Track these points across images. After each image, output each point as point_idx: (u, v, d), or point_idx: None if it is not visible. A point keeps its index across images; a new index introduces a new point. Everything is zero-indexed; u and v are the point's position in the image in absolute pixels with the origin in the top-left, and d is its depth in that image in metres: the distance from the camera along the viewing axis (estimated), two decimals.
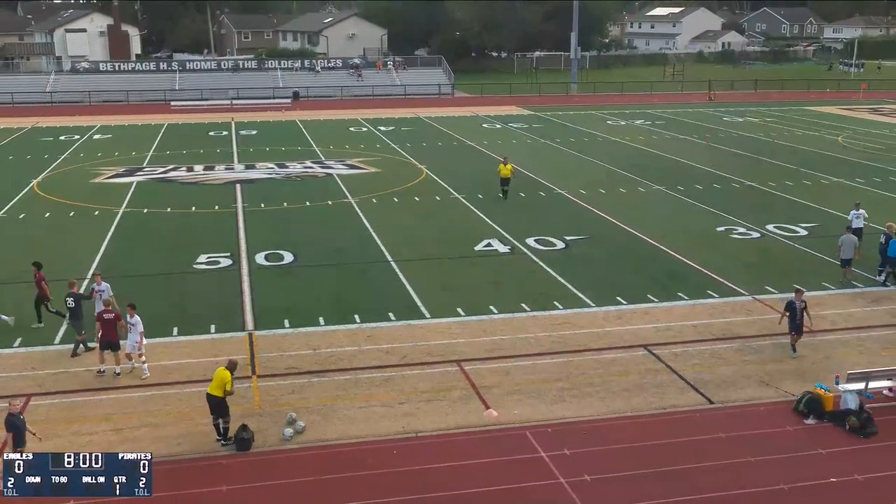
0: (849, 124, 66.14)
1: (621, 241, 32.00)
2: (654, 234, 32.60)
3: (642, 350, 21.92)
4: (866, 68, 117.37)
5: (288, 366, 20.79)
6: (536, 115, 72.89)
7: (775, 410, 18.70)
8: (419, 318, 24.04)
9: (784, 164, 47.76)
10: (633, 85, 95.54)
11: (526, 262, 29.35)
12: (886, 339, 22.51)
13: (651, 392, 19.55)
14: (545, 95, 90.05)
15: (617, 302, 25.34)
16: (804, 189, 40.85)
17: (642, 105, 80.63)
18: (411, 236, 32.59)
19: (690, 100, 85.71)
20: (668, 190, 40.95)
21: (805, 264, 29.20)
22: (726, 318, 24.18)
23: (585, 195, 39.71)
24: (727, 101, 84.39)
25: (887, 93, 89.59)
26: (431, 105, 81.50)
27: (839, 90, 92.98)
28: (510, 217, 35.43)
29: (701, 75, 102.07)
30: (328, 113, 74.40)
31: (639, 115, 72.88)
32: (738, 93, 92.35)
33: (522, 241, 31.74)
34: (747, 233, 33.08)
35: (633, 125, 66.21)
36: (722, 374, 20.50)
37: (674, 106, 79.74)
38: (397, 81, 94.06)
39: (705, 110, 76.33)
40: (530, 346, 22.07)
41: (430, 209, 37.26)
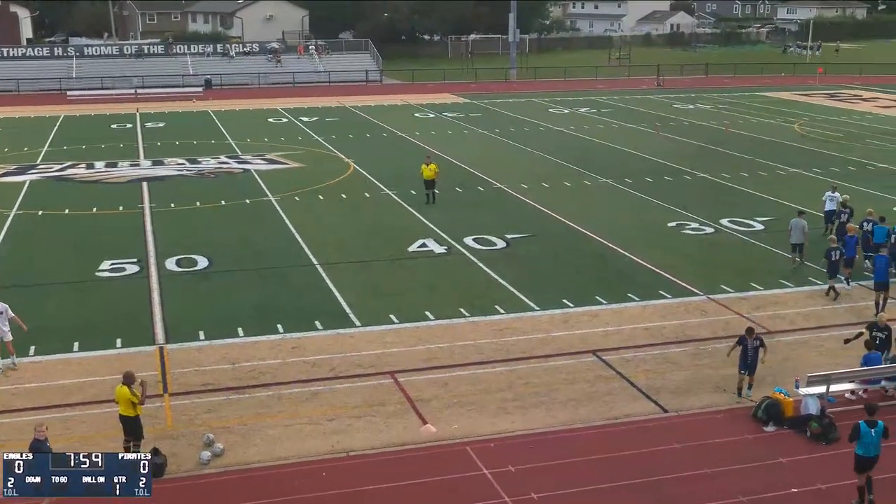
0: (805, 111, 67.75)
1: (567, 239, 32.30)
2: (602, 231, 32.98)
3: (591, 356, 22.15)
4: (823, 51, 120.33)
5: (204, 382, 20.55)
6: (473, 104, 73.19)
7: (733, 417, 19.06)
8: (348, 326, 23.96)
9: (738, 154, 48.72)
10: (577, 70, 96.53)
11: (464, 264, 29.43)
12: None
13: (601, 401, 19.77)
14: (482, 82, 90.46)
15: (563, 304, 25.57)
16: (760, 180, 41.72)
17: (587, 91, 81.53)
18: (339, 237, 32.46)
19: (638, 86, 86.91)
20: (616, 183, 41.47)
21: (762, 261, 29.81)
22: (680, 319, 24.57)
23: (527, 190, 39.99)
24: (677, 86, 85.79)
25: (845, 77, 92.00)
26: (358, 93, 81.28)
27: (795, 74, 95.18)
28: (446, 215, 35.51)
29: (649, 59, 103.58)
30: (244, 102, 73.71)
31: (583, 102, 73.65)
32: (689, 78, 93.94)
33: (460, 240, 31.84)
34: (701, 228, 33.67)
35: (578, 113, 66.89)
36: (676, 380, 20.82)
37: (620, 92, 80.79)
38: (320, 68, 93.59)
39: (654, 97, 77.48)
40: (470, 355, 22.15)
41: (359, 207, 37.15)
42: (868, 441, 15.75)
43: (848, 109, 68.79)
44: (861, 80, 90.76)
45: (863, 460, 15.84)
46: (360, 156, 48.62)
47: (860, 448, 15.80)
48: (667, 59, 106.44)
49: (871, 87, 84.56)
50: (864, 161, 46.34)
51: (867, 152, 49.21)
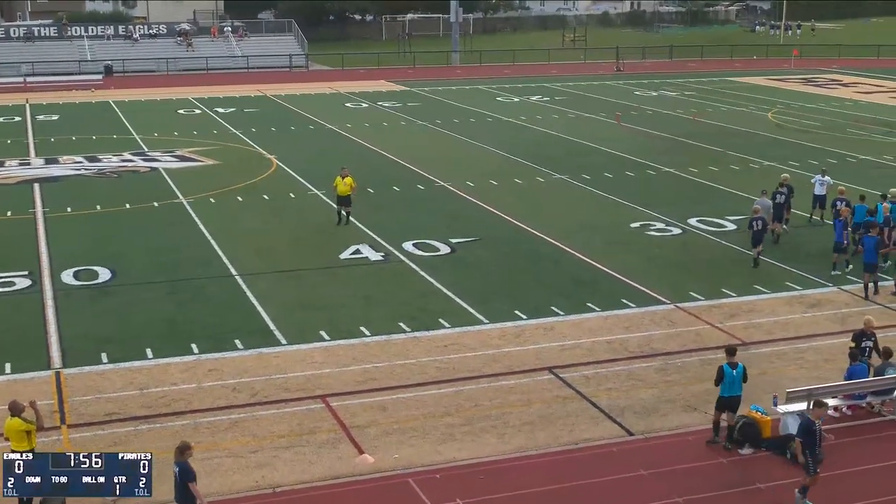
0: (780, 97, 68.91)
1: (518, 243, 32.44)
2: (558, 233, 33.18)
3: (547, 374, 22.25)
4: (803, 31, 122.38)
5: (108, 411, 20.27)
6: (411, 92, 73.26)
7: (705, 440, 19.25)
8: (273, 344, 23.83)
9: (707, 146, 49.37)
10: (527, 54, 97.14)
11: (403, 272, 29.42)
12: (829, 349, 23.48)
13: (559, 424, 19.86)
14: (421, 67, 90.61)
15: (515, 317, 25.66)
16: (731, 175, 42.31)
17: (538, 77, 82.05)
18: (261, 244, 32.27)
19: (595, 71, 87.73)
20: (573, 179, 41.77)
21: (734, 264, 30.21)
22: (645, 331, 24.80)
23: (474, 188, 40.12)
24: (638, 71, 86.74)
25: (822, 60, 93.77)
26: (281, 80, 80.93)
27: (767, 57, 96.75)
28: (383, 217, 35.48)
29: (607, 41, 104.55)
30: (151, 92, 72.99)
31: (535, 89, 74.11)
32: (651, 62, 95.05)
33: (398, 245, 31.83)
34: (667, 229, 34.04)
35: (529, 102, 67.28)
36: (642, 400, 21.00)
37: (576, 78, 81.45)
38: (238, 52, 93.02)
39: (613, 83, 78.23)
40: (411, 375, 22.13)
41: (284, 209, 36.98)
42: (729, 381, 18.55)
43: (826, 96, 70.10)
44: (840, 63, 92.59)
45: (724, 400, 18.67)
46: (283, 151, 48.41)
47: (723, 389, 18.60)
48: (627, 40, 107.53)
49: (851, 70, 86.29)
50: (844, 153, 47.25)
51: (848, 143, 50.18)
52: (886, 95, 70.31)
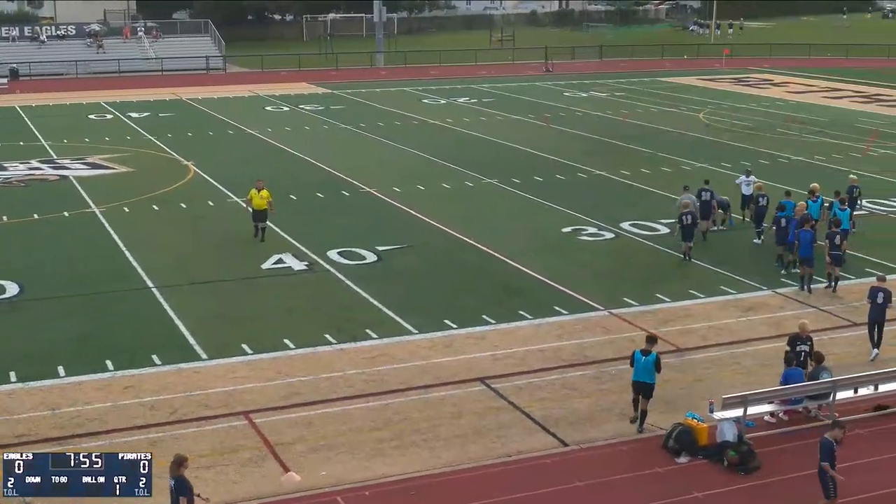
0: (711, 98, 69.92)
1: (447, 250, 32.50)
2: (488, 240, 33.30)
3: (478, 384, 22.30)
4: (733, 29, 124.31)
5: (17, 433, 19.89)
6: (334, 94, 73.07)
7: (641, 449, 19.44)
8: (193, 359, 23.60)
9: (639, 148, 49.92)
10: (454, 54, 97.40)
11: (329, 282, 29.33)
12: (765, 354, 23.87)
13: (491, 436, 19.91)
14: (344, 69, 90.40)
15: (445, 326, 25.70)
16: (663, 177, 42.82)
17: (466, 79, 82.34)
18: (178, 254, 31.95)
19: (524, 71, 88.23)
20: (502, 184, 41.95)
21: (668, 268, 30.59)
22: (578, 338, 24.98)
23: (400, 193, 40.12)
24: (568, 72, 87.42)
25: (753, 59, 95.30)
26: (198, 83, 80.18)
27: (698, 57, 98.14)
28: (307, 225, 35.33)
29: (535, 41, 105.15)
30: (59, 96, 71.88)
31: (462, 91, 74.34)
32: (581, 62, 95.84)
33: (323, 254, 31.71)
34: (599, 233, 34.33)
35: (456, 104, 67.46)
36: (576, 409, 21.13)
37: (504, 79, 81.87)
38: (151, 54, 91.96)
39: (542, 84, 78.77)
40: (338, 389, 22.04)
41: (202, 218, 36.66)
42: (638, 367, 19.75)
43: (757, 96, 71.30)
44: (771, 62, 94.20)
45: (633, 383, 19.98)
46: (201, 157, 47.96)
47: (634, 373, 19.88)
48: (555, 40, 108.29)
49: (782, 70, 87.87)
50: (776, 153, 48.09)
51: (779, 143, 51.09)
52: (818, 95, 71.70)
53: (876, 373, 21.66)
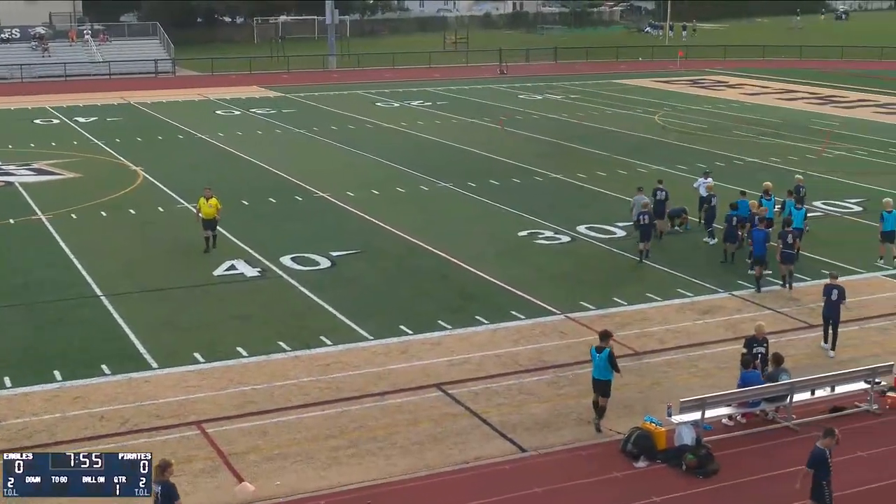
0: (666, 100, 70.45)
1: (402, 255, 32.49)
2: (443, 244, 33.33)
3: (435, 391, 22.31)
4: (687, 31, 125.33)
5: None
6: (286, 98, 72.85)
7: (600, 454, 19.53)
8: (143, 368, 23.42)
9: (594, 151, 50.18)
10: (408, 57, 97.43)
11: (282, 288, 29.23)
12: (722, 357, 24.07)
13: (449, 443, 19.92)
14: (296, 72, 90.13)
15: (401, 332, 25.69)
16: (619, 180, 43.08)
17: (420, 82, 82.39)
18: (127, 261, 31.71)
19: (478, 74, 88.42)
20: (458, 187, 42.02)
21: (625, 272, 30.79)
22: (536, 343, 25.06)
23: (354, 198, 40.06)
24: (523, 74, 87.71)
25: (708, 61, 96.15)
26: (146, 87, 79.64)
27: (653, 59, 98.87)
28: (259, 231, 35.19)
29: (489, 43, 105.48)
30: (3, 101, 71.05)
31: (416, 94, 74.38)
32: (536, 64, 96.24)
33: (276, 260, 31.59)
34: (555, 237, 34.48)
35: (410, 107, 67.48)
36: (534, 414, 21.20)
37: (458, 82, 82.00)
38: (98, 57, 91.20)
39: (497, 86, 78.98)
40: (293, 397, 21.97)
41: (152, 224, 36.41)
42: (595, 364, 20.22)
43: (712, 97, 71.92)
44: (725, 64, 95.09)
45: (592, 381, 20.43)
46: (150, 162, 47.63)
47: (592, 371, 20.35)
48: (510, 42, 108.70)
49: (737, 71, 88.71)
50: (731, 155, 48.54)
51: (735, 145, 51.57)
52: (772, 97, 72.46)
53: (832, 374, 21.91)
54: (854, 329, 26.02)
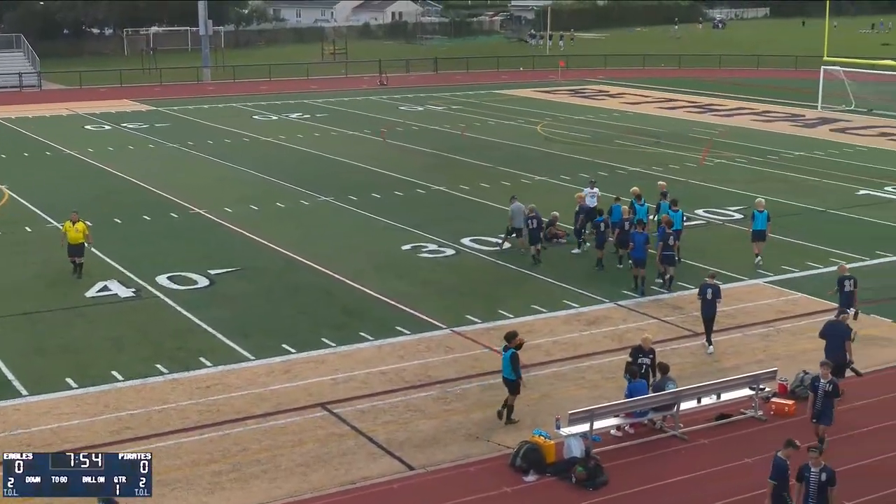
0: (548, 110, 71.36)
1: (283, 272, 32.30)
2: (325, 260, 33.21)
3: (320, 410, 22.21)
4: (564, 41, 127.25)
5: None
6: (159, 112, 71.81)
7: (489, 469, 19.64)
8: (12, 396, 22.88)
9: (477, 162, 50.55)
10: (285, 68, 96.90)
11: (158, 308, 28.83)
12: (609, 367, 24.44)
13: (335, 463, 19.84)
14: (169, 85, 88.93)
15: (283, 351, 25.53)
16: (503, 191, 43.35)
17: (298, 94, 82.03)
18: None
19: (358, 85, 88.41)
20: (339, 201, 41.92)
21: (511, 284, 31.05)
22: (422, 359, 25.12)
23: (232, 214, 39.69)
24: (403, 85, 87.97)
25: (588, 71, 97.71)
26: (10, 102, 77.70)
27: (534, 69, 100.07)
28: (133, 250, 34.61)
29: (369, 54, 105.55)
30: None
31: (294, 106, 74.04)
32: (416, 75, 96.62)
33: (151, 280, 31.13)
34: (440, 250, 34.62)
35: (289, 120, 67.15)
36: (422, 431, 21.23)
37: (338, 94, 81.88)
38: None
39: (377, 98, 79.08)
40: (171, 421, 21.66)
41: (19, 245, 35.60)
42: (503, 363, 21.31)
43: (594, 107, 73.08)
44: (606, 73, 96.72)
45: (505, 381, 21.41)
46: (16, 180, 46.49)
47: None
48: (390, 53, 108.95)
49: (618, 81, 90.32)
50: (614, 164, 49.37)
51: (617, 154, 52.47)
52: (653, 106, 73.94)
53: (718, 382, 22.42)
54: (737, 336, 26.72)
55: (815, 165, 49.66)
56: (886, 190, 44.11)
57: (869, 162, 50.56)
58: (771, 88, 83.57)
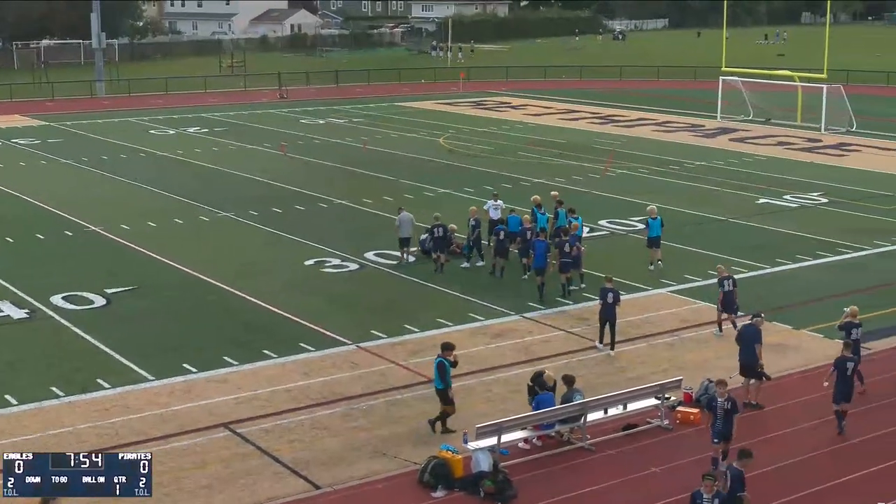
0: (451, 122, 71.66)
1: (184, 290, 31.96)
2: (226, 277, 32.92)
3: (223, 430, 21.99)
4: (463, 53, 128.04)
5: None
6: (51, 127, 70.52)
7: (397, 486, 19.63)
8: None
9: (380, 175, 50.56)
10: (182, 82, 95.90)
11: (53, 329, 28.35)
12: (516, 380, 24.53)
13: (239, 484, 19.66)
14: (62, 99, 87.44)
15: (184, 370, 25.24)
16: (407, 204, 43.26)
17: (196, 108, 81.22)
18: None
19: (257, 98, 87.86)
20: (239, 217, 41.60)
21: (416, 298, 31.09)
22: (327, 375, 25.02)
23: (130, 231, 39.13)
24: (303, 98, 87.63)
25: (490, 83, 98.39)
26: None
27: (436, 81, 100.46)
28: (26, 269, 33.97)
29: (268, 67, 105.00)
30: None
31: (192, 120, 73.32)
32: (317, 88, 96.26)
33: (45, 300, 30.56)
34: (343, 265, 34.54)
35: (187, 134, 66.47)
36: (327, 449, 21.14)
37: (237, 107, 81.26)
38: None
39: (277, 111, 78.66)
40: (68, 445, 21.22)
41: None
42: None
43: (497, 119, 73.60)
44: (508, 85, 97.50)
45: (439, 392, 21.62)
46: None
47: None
48: (289, 66, 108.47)
49: (519, 92, 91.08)
50: (517, 176, 49.74)
51: (520, 166, 52.88)
52: (555, 117, 74.71)
53: (624, 392, 22.68)
54: (643, 346, 27.09)
55: (715, 175, 50.65)
56: (785, 198, 45.14)
57: (768, 171, 51.69)
58: (671, 99, 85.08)
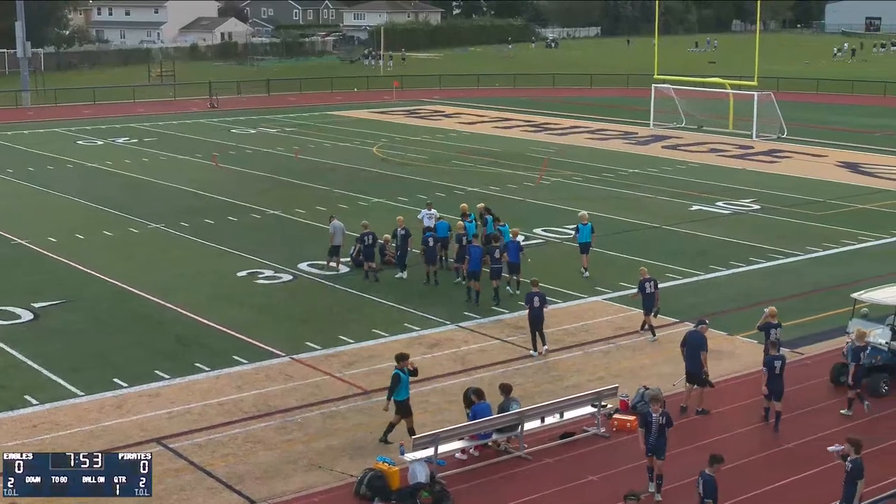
0: (384, 131, 71.66)
1: (113, 303, 31.64)
2: (157, 289, 32.62)
3: (155, 445, 21.77)
4: (394, 61, 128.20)
5: None
6: None
7: (334, 499, 19.57)
8: None
9: (313, 185, 50.41)
10: (110, 91, 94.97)
11: None
12: (452, 390, 24.60)
13: (172, 500, 19.48)
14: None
15: (115, 385, 24.98)
16: (340, 214, 43.26)
17: (124, 118, 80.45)
18: None
19: (187, 108, 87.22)
20: (170, 228, 41.25)
21: (350, 308, 31.03)
22: (261, 388, 24.87)
23: (57, 244, 38.65)
24: (234, 107, 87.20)
25: (423, 91, 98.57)
26: None
27: (369, 90, 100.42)
28: None
29: (198, 76, 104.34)
30: None
31: (120, 130, 72.59)
32: (248, 97, 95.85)
33: None
34: (276, 276, 34.38)
35: (115, 145, 65.81)
36: (262, 463, 21.02)
37: (166, 117, 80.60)
38: None
39: (208, 121, 78.14)
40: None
41: None
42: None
43: (430, 127, 73.70)
44: (441, 93, 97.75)
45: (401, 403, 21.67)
46: None
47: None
48: (220, 74, 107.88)
49: (453, 101, 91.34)
50: (452, 185, 49.82)
51: (454, 175, 53.00)
52: (489, 125, 74.98)
53: (561, 401, 22.79)
54: (578, 354, 27.25)
55: (649, 182, 51.15)
56: (717, 205, 45.68)
57: (700, 178, 52.31)
58: (604, 107, 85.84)
